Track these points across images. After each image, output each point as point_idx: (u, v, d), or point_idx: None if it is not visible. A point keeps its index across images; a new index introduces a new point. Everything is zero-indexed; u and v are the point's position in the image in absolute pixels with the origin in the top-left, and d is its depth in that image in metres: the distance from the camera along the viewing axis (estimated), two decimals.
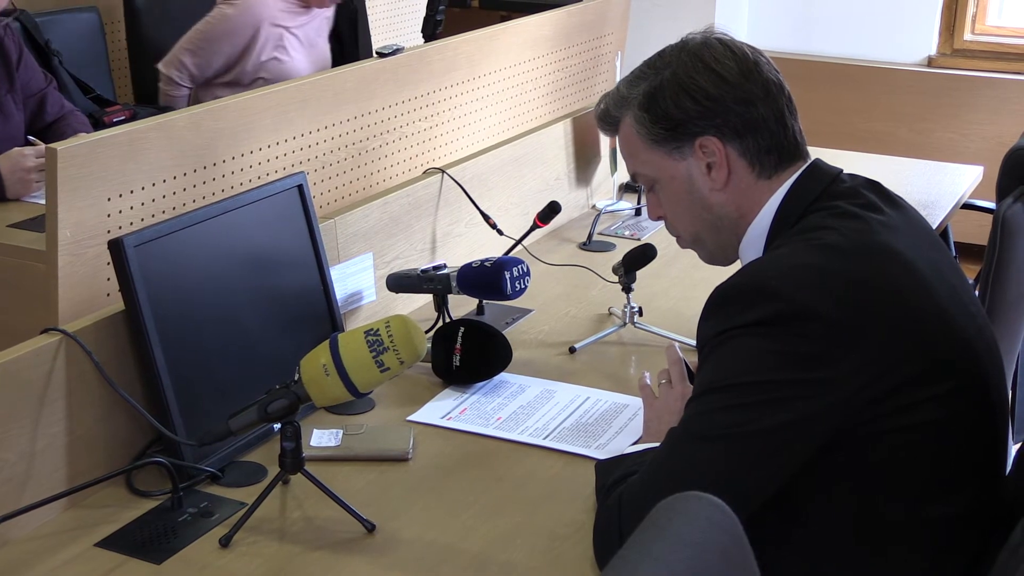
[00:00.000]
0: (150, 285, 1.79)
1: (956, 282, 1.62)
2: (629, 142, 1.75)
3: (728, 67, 1.66)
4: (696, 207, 1.72)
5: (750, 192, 1.68)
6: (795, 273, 1.52)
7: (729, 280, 1.58)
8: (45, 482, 1.70)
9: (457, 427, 1.99)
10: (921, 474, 1.51)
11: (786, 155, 1.68)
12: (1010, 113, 5.03)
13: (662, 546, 0.94)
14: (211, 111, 2.55)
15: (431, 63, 3.24)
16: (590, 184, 3.17)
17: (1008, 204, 2.31)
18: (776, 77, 1.69)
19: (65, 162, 2.14)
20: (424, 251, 2.55)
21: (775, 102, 1.67)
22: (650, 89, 1.69)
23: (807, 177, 1.67)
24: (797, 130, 1.70)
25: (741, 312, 1.52)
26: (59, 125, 3.48)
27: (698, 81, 1.66)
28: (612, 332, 2.35)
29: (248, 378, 1.87)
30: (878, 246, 1.56)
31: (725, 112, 1.65)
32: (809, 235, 1.59)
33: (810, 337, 1.47)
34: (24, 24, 3.88)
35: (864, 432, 1.48)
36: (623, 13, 4.18)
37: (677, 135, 1.68)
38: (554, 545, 1.66)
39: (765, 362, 1.48)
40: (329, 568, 1.61)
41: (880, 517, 1.52)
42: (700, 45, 1.69)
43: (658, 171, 1.73)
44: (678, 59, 1.69)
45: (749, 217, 1.69)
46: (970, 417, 1.55)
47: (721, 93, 1.65)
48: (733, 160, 1.67)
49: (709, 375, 1.55)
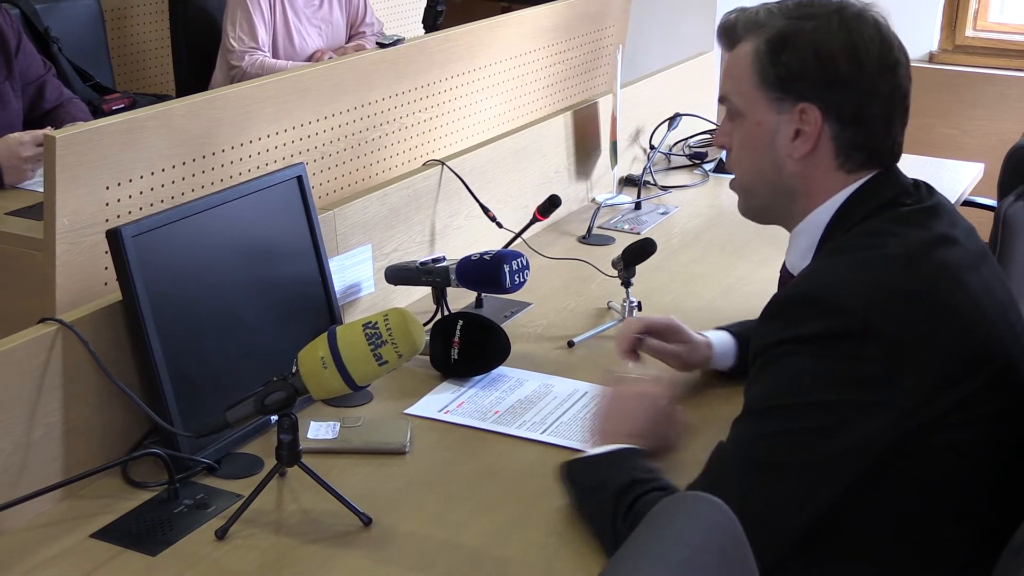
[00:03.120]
0: (148, 275, 1.78)
1: (1005, 299, 1.60)
2: (738, 66, 1.66)
3: (870, 51, 1.59)
4: (764, 162, 1.66)
5: (824, 177, 1.62)
6: (855, 287, 1.49)
7: (790, 288, 1.56)
8: (41, 472, 1.70)
9: (454, 421, 1.99)
10: (960, 490, 1.50)
11: (874, 158, 1.63)
12: (1011, 110, 5.02)
13: (662, 546, 0.93)
14: (210, 100, 2.55)
15: (431, 54, 3.24)
16: (590, 177, 3.16)
17: (1010, 202, 2.31)
18: (906, 85, 1.62)
19: (64, 150, 2.14)
20: (423, 243, 2.54)
21: (894, 107, 1.61)
22: (786, 31, 1.61)
23: (881, 181, 1.62)
24: (898, 141, 1.64)
25: (800, 323, 1.49)
26: (58, 112, 3.48)
27: (834, 50, 1.58)
28: (611, 326, 2.35)
29: (245, 370, 1.87)
30: (936, 261, 1.52)
31: (843, 93, 1.59)
32: (869, 240, 1.56)
33: (867, 359, 1.45)
34: (23, 11, 3.88)
35: (909, 448, 1.47)
36: (624, 5, 4.18)
37: (787, 88, 1.61)
38: (550, 540, 1.66)
39: (819, 384, 1.47)
40: (325, 561, 1.61)
41: (913, 530, 1.51)
42: (855, 16, 1.61)
43: (750, 108, 1.65)
44: (827, 17, 1.60)
45: (814, 200, 1.64)
46: (1016, 436, 1.54)
47: (850, 73, 1.58)
48: (824, 140, 1.61)
49: (762, 392, 1.52)
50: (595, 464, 1.68)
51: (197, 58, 4.41)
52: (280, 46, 4.23)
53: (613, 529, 1.57)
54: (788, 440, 1.48)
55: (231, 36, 4.14)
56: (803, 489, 1.48)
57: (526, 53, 3.67)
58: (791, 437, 1.47)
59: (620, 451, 1.67)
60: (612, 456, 1.66)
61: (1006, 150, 2.59)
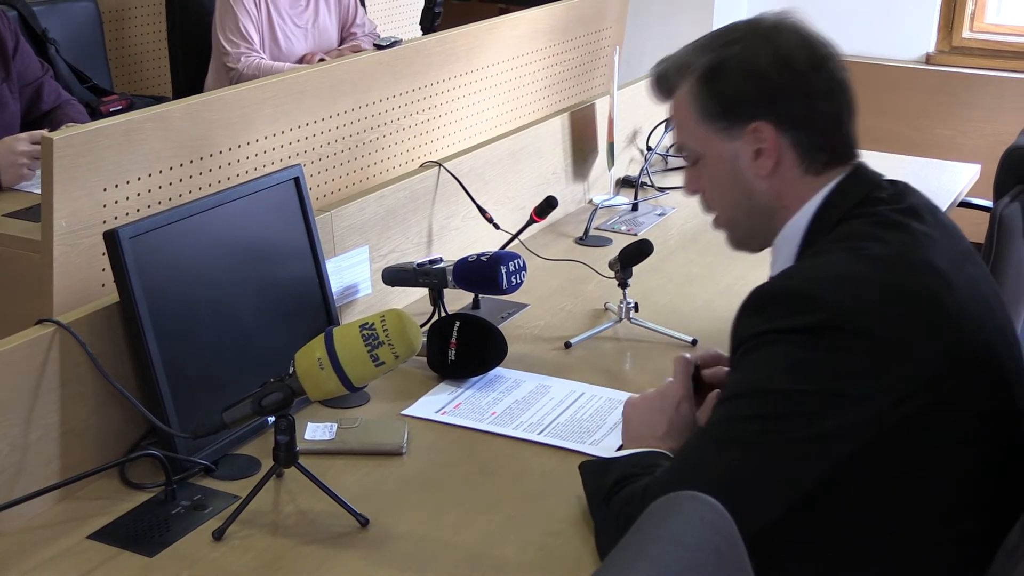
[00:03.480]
0: (145, 277, 1.78)
1: (991, 297, 1.60)
2: (681, 112, 1.69)
3: (797, 56, 1.60)
4: (736, 191, 1.67)
5: (794, 186, 1.63)
6: (841, 284, 1.49)
7: (774, 282, 1.56)
8: (38, 474, 1.70)
9: (451, 422, 1.99)
10: (947, 491, 1.50)
11: (836, 155, 1.63)
12: (1008, 111, 5.03)
13: (656, 545, 0.93)
14: (208, 102, 2.55)
15: (429, 56, 3.24)
16: (587, 179, 3.16)
17: (1005, 203, 2.31)
18: (843, 75, 1.63)
19: (61, 152, 2.14)
20: (420, 245, 2.54)
21: (837, 100, 1.62)
22: (714, 63, 1.63)
23: (851, 181, 1.63)
24: (852, 132, 1.65)
25: (785, 316, 1.49)
26: (56, 114, 3.48)
27: (764, 65, 1.60)
28: (608, 327, 2.35)
29: (243, 371, 1.87)
30: (920, 260, 1.53)
31: (786, 101, 1.60)
32: (853, 243, 1.56)
33: (849, 351, 1.45)
34: (21, 12, 3.88)
35: (893, 447, 1.47)
36: (621, 7, 4.18)
37: (732, 115, 1.62)
38: (547, 541, 1.66)
39: (801, 372, 1.47)
40: (322, 562, 1.61)
41: (902, 531, 1.51)
42: (773, 28, 1.63)
43: (705, 147, 1.67)
44: (749, 37, 1.62)
45: (789, 211, 1.64)
46: (1001, 435, 1.53)
47: (786, 82, 1.60)
48: (784, 151, 1.62)
49: (743, 377, 1.53)
50: (608, 464, 1.68)
51: (194, 60, 4.41)
52: (266, 48, 4.23)
53: (603, 526, 1.60)
54: (762, 424, 1.48)
55: (223, 40, 4.13)
56: (749, 468, 1.47)
57: (523, 55, 3.67)
58: (765, 421, 1.48)
59: (635, 454, 1.67)
60: (629, 459, 1.66)
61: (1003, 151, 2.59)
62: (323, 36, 4.40)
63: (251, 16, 4.15)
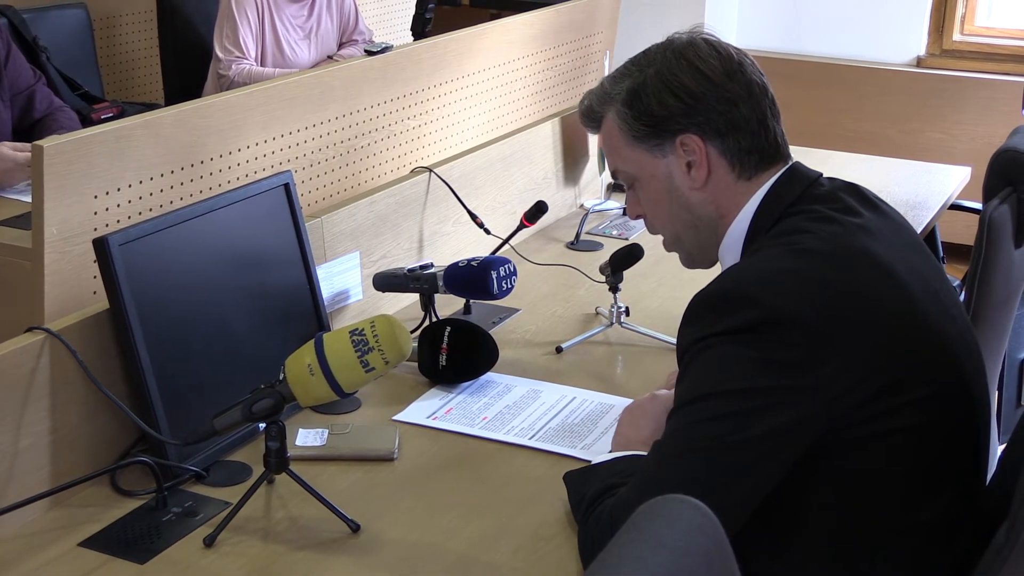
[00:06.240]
0: (135, 284, 1.78)
1: (938, 286, 1.62)
2: (611, 138, 1.75)
3: (712, 66, 1.66)
4: (675, 206, 1.72)
5: (729, 192, 1.68)
6: (773, 279, 1.51)
7: (708, 287, 1.57)
8: (28, 481, 1.70)
9: (443, 427, 1.99)
10: (903, 479, 1.51)
11: (767, 157, 1.68)
12: (998, 114, 5.04)
13: (643, 549, 0.93)
14: (198, 109, 2.55)
15: (420, 61, 3.24)
16: (578, 183, 3.16)
17: (994, 206, 2.31)
18: (760, 79, 1.69)
19: (52, 159, 2.14)
20: (411, 250, 2.54)
21: (758, 103, 1.67)
22: (634, 86, 1.70)
23: (786, 180, 1.67)
24: (779, 132, 1.70)
25: (720, 319, 1.51)
26: (48, 121, 3.47)
27: (681, 79, 1.66)
28: (599, 332, 2.35)
29: (233, 377, 1.87)
30: (856, 250, 1.55)
31: (707, 111, 1.65)
32: (787, 239, 1.59)
33: (789, 344, 1.46)
34: (11, 20, 3.87)
35: (846, 437, 1.48)
36: (612, 12, 4.18)
37: (659, 132, 1.68)
38: (538, 546, 1.66)
39: (746, 370, 1.48)
40: (313, 568, 1.61)
41: (863, 523, 1.52)
42: (685, 44, 1.69)
43: (639, 168, 1.73)
44: (663, 57, 1.69)
45: (728, 218, 1.69)
46: (952, 421, 1.55)
47: (704, 92, 1.65)
48: (713, 159, 1.67)
49: (690, 385, 1.54)
50: (590, 472, 1.69)
51: (185, 67, 4.42)
52: (269, 56, 4.23)
53: (581, 543, 1.60)
54: (708, 427, 1.49)
55: (218, 47, 4.15)
56: (717, 472, 1.48)
57: (514, 60, 3.67)
58: (718, 423, 1.48)
59: (619, 458, 1.68)
60: (610, 463, 1.67)
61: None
62: (325, 44, 4.41)
63: (251, 26, 4.15)
